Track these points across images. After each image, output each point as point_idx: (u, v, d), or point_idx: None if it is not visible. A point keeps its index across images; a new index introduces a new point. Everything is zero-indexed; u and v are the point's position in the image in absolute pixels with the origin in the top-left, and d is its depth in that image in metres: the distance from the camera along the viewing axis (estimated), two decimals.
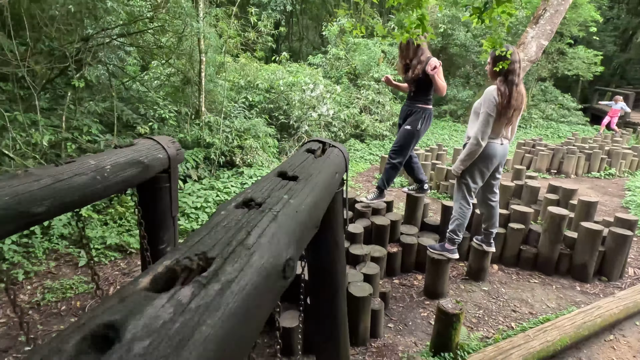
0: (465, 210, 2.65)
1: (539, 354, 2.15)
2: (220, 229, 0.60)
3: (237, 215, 0.66)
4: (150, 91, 5.21)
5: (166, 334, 0.37)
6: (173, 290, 0.44)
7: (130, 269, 3.04)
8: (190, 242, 0.55)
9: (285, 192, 0.80)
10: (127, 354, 0.34)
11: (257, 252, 0.56)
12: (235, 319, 0.47)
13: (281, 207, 0.72)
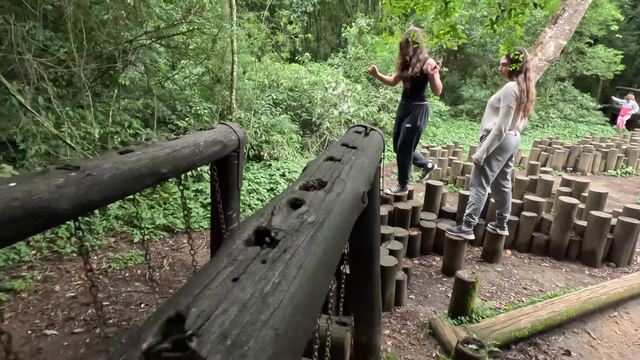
0: (481, 196, 2.93)
1: (545, 321, 2.42)
2: (322, 170, 0.93)
3: (328, 165, 0.99)
4: (185, 89, 5.62)
5: (320, 206, 0.70)
6: (314, 191, 0.77)
7: (177, 245, 3.44)
8: (309, 172, 0.89)
9: (352, 155, 1.12)
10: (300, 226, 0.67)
11: (348, 183, 0.89)
12: (344, 216, 0.79)
13: (353, 161, 1.05)
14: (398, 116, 3.44)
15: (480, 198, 2.94)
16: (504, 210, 3.10)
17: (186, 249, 3.37)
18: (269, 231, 0.56)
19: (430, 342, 2.26)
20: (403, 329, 2.38)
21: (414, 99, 3.26)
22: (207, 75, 6.18)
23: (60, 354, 2.04)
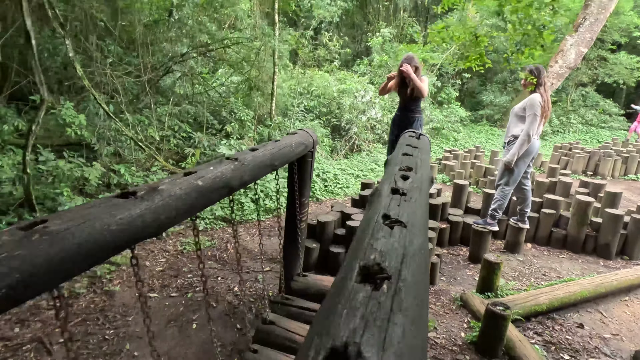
0: (507, 193, 3.35)
1: (562, 299, 2.82)
2: (404, 161, 1.41)
3: (406, 158, 1.47)
4: (230, 97, 6.22)
5: (415, 179, 1.19)
6: (410, 172, 1.26)
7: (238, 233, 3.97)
8: (395, 162, 1.37)
9: (417, 152, 1.61)
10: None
11: (422, 169, 1.37)
12: (425, 188, 1.27)
13: (419, 156, 1.53)
14: (397, 126, 3.71)
15: (505, 195, 3.36)
16: (525, 206, 3.50)
17: (244, 236, 3.90)
18: (399, 189, 1.05)
19: (461, 311, 2.69)
20: (437, 302, 2.82)
21: (414, 112, 3.62)
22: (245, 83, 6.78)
23: (165, 310, 2.59)
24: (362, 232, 0.82)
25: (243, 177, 1.52)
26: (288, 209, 2.40)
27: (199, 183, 1.27)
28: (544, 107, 3.10)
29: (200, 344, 2.28)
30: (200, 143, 5.54)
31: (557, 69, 9.70)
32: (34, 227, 0.81)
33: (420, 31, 13.60)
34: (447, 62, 10.04)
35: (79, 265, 0.86)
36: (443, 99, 11.04)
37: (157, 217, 1.08)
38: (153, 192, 1.10)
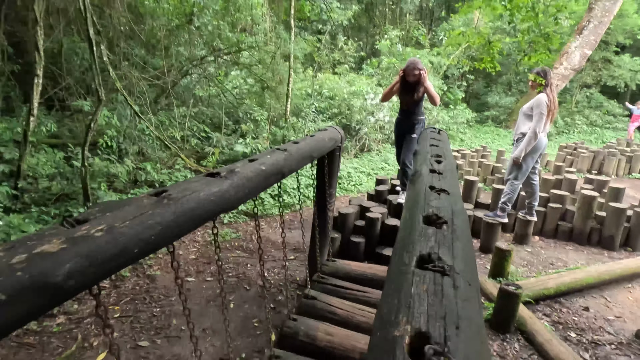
0: (516, 187, 3.57)
1: (568, 285, 3.03)
2: (433, 151, 1.65)
3: (433, 149, 1.71)
4: (245, 99, 6.48)
5: (446, 162, 1.42)
6: (441, 158, 1.49)
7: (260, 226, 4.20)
8: (425, 151, 1.61)
9: (441, 144, 1.84)
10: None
11: (448, 158, 1.61)
12: (454, 172, 1.51)
13: (445, 148, 1.76)
14: (401, 130, 3.76)
15: (514, 189, 3.58)
16: (533, 200, 3.72)
17: (266, 229, 4.14)
18: (436, 170, 1.29)
19: None
20: None
21: (416, 116, 3.64)
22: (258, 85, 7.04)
23: (203, 292, 2.83)
24: (415, 199, 1.05)
25: (291, 165, 1.76)
26: (318, 199, 2.63)
27: (262, 168, 1.51)
28: (550, 106, 3.33)
29: (239, 320, 2.51)
30: (219, 142, 5.80)
31: (561, 71, 9.90)
32: (162, 194, 1.06)
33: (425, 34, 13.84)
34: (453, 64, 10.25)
35: (190, 225, 1.11)
36: (449, 99, 11.26)
37: (237, 192, 1.32)
38: (232, 173, 1.34)
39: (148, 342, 2.26)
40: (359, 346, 1.92)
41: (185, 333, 2.37)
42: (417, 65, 3.44)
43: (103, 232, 0.82)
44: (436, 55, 10.61)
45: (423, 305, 0.53)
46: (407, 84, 3.53)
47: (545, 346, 2.24)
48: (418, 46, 12.81)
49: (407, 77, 3.49)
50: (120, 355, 2.12)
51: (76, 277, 0.75)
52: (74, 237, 0.78)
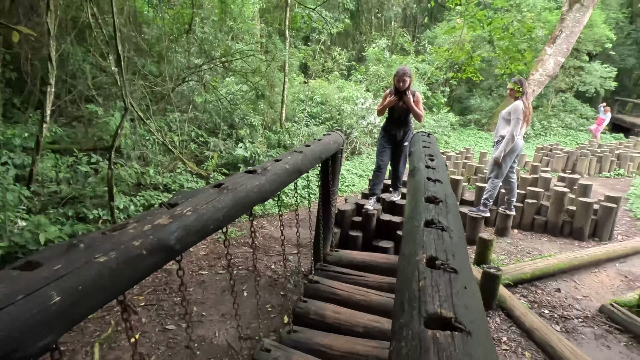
0: (496, 184, 3.96)
1: (542, 270, 3.42)
2: (427, 151, 1.99)
3: (425, 149, 2.05)
4: (241, 105, 6.75)
5: (438, 161, 1.76)
6: (433, 157, 1.83)
7: (261, 225, 4.48)
8: (420, 152, 1.95)
9: (432, 145, 2.18)
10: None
11: (438, 157, 1.95)
12: (445, 170, 1.85)
13: (434, 149, 2.11)
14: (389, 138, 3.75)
15: (495, 186, 3.98)
16: (512, 196, 4.12)
17: (268, 227, 4.42)
18: (430, 166, 1.62)
19: None
20: None
21: (406, 124, 3.70)
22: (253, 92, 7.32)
23: (217, 283, 3.09)
24: (416, 186, 1.38)
25: (306, 164, 2.08)
26: (323, 195, 2.94)
27: (286, 167, 1.81)
28: (525, 112, 3.74)
29: (253, 306, 2.79)
30: (217, 147, 6.04)
31: (537, 77, 10.52)
32: (221, 186, 1.35)
33: (410, 41, 14.38)
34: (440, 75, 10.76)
35: (242, 210, 1.40)
36: (433, 104, 11.77)
37: (271, 186, 1.62)
38: (266, 171, 1.64)
39: (174, 326, 2.51)
40: (362, 322, 2.23)
41: (206, 318, 2.64)
42: (406, 72, 3.51)
43: (191, 212, 1.12)
44: (421, 62, 11.11)
45: (432, 245, 0.85)
46: (398, 92, 3.58)
47: (522, 319, 2.60)
48: (403, 52, 13.32)
49: (397, 84, 3.54)
50: (152, 336, 2.37)
51: (180, 242, 1.04)
52: (174, 214, 1.07)
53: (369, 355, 1.93)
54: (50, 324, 0.70)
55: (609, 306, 2.94)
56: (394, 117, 3.73)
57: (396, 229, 3.50)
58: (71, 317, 0.75)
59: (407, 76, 3.50)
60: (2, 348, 0.62)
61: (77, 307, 0.75)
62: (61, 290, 0.72)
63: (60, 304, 0.71)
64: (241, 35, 7.27)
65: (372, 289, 2.62)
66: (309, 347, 2.00)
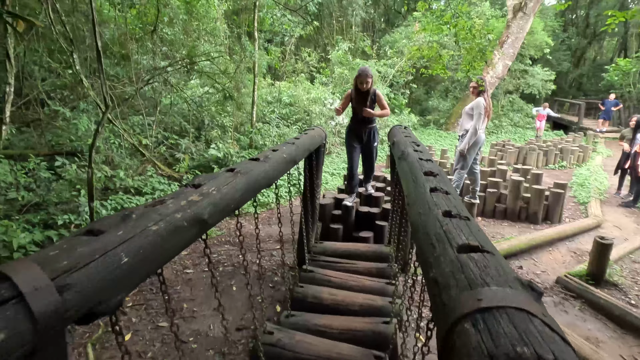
0: (462, 175, 4.29)
1: (506, 250, 3.77)
2: (409, 139, 2.18)
3: (407, 139, 2.24)
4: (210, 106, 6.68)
5: (422, 147, 1.95)
6: (417, 145, 2.02)
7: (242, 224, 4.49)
8: (404, 140, 2.13)
9: (412, 135, 2.38)
10: None
11: (421, 144, 2.14)
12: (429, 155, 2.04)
13: (413, 137, 2.31)
14: (356, 138, 3.77)
15: (461, 177, 4.30)
16: (475, 185, 4.48)
17: (247, 226, 4.45)
18: (418, 150, 1.80)
19: None
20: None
21: (371, 123, 3.71)
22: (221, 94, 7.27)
23: (204, 280, 3.09)
24: (413, 165, 1.54)
25: (299, 154, 2.19)
26: (306, 189, 3.05)
27: (284, 156, 1.92)
28: (486, 108, 4.11)
29: (244, 298, 2.84)
30: (188, 149, 5.94)
31: (488, 79, 11.35)
32: (234, 171, 1.43)
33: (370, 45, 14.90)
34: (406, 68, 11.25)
35: (253, 192, 1.50)
36: (395, 105, 12.28)
37: (273, 172, 1.72)
38: (268, 159, 1.74)
39: (166, 323, 2.50)
40: (358, 301, 2.38)
41: (199, 313, 2.65)
42: (368, 73, 3.47)
43: (216, 192, 1.20)
44: (382, 65, 11.57)
45: (442, 202, 1.01)
46: (360, 92, 3.55)
47: None
48: (364, 56, 13.78)
49: (359, 85, 3.50)
50: (144, 334, 2.36)
51: (211, 217, 1.12)
52: (203, 192, 1.15)
53: (365, 330, 2.07)
54: (122, 281, 0.76)
55: (563, 278, 3.32)
56: (358, 118, 3.72)
57: (374, 220, 3.69)
58: (137, 276, 0.81)
59: (369, 77, 3.47)
60: (90, 300, 0.68)
61: (141, 268, 0.82)
62: (128, 252, 0.79)
63: (129, 264, 0.78)
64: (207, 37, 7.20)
65: (362, 274, 2.78)
66: (308, 328, 2.11)
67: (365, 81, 3.46)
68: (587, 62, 22.57)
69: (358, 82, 3.52)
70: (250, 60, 6.10)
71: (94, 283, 0.69)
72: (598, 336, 2.63)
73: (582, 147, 9.48)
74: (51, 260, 0.66)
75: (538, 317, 0.51)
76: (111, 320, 0.85)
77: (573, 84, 21.90)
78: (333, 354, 1.89)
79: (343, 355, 1.88)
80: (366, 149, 3.86)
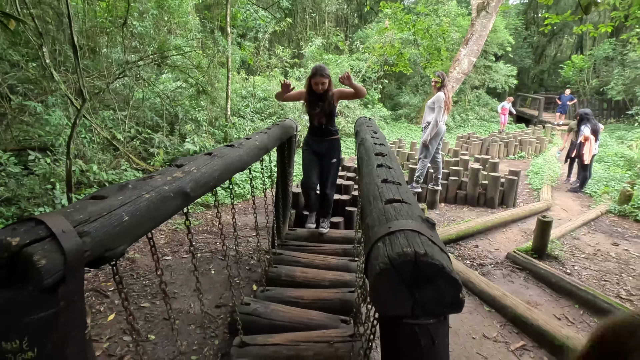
0: (425, 164, 4.64)
1: (464, 231, 4.14)
2: (371, 128, 2.43)
3: (368, 128, 2.50)
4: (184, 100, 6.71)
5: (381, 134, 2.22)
6: (376, 131, 2.28)
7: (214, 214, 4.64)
8: (366, 130, 2.39)
9: (373, 124, 2.64)
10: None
11: (379, 132, 2.41)
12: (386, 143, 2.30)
13: (375, 126, 2.57)
14: (316, 152, 3.14)
15: (424, 165, 4.65)
16: (438, 173, 4.84)
17: (224, 216, 4.60)
18: (374, 137, 2.05)
19: None
20: None
21: (331, 133, 3.10)
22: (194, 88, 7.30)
23: (183, 266, 3.25)
24: (368, 148, 1.79)
25: (271, 143, 2.40)
26: (280, 177, 3.27)
27: (256, 143, 2.12)
28: (446, 101, 4.46)
29: (222, 281, 3.02)
30: (162, 143, 5.98)
31: (455, 75, 11.89)
32: (211, 154, 1.62)
33: (343, 40, 15.16)
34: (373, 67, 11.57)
35: (229, 174, 1.69)
36: (368, 100, 12.65)
37: (247, 156, 1.92)
38: (242, 145, 1.94)
39: (148, 304, 2.65)
40: (327, 277, 2.62)
41: (179, 294, 2.81)
42: (324, 72, 2.86)
43: (196, 170, 1.40)
44: (355, 60, 11.86)
45: (383, 174, 1.26)
46: (315, 95, 2.93)
47: None
48: (337, 51, 14.03)
49: (314, 87, 2.88)
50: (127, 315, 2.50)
51: (193, 191, 1.32)
52: (185, 171, 1.34)
53: (334, 299, 2.32)
54: (124, 235, 0.96)
55: (512, 253, 3.71)
56: (314, 125, 3.07)
57: (345, 206, 3.96)
58: (134, 233, 1.01)
59: (324, 77, 2.85)
60: (101, 246, 0.87)
61: (138, 227, 1.01)
62: (127, 213, 0.98)
63: (129, 222, 0.97)
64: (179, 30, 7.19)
65: (329, 255, 3.03)
66: (282, 300, 2.33)
67: (321, 81, 2.85)
68: (548, 59, 23.90)
69: (312, 83, 2.89)
70: (224, 55, 6.18)
71: (104, 233, 0.88)
72: (537, 300, 3.02)
73: (539, 138, 10.19)
74: (70, 214, 0.84)
75: (425, 235, 0.76)
76: (113, 269, 1.04)
77: (534, 80, 23.14)
78: (304, 319, 2.13)
79: (314, 320, 2.13)
80: (324, 167, 3.16)
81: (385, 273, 0.68)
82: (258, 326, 2.11)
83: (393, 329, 0.74)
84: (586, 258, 3.81)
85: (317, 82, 2.86)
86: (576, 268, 3.57)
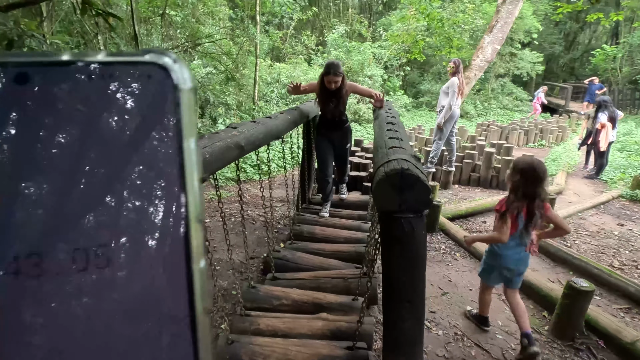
0: (440, 145, 4.94)
1: (474, 208, 4.45)
2: (390, 113, 2.80)
3: (389, 112, 2.86)
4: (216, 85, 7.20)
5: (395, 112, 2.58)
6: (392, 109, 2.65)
7: (245, 188, 5.13)
8: (386, 114, 2.76)
9: (389, 104, 3.00)
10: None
11: (393, 109, 2.77)
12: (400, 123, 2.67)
13: (393, 109, 2.93)
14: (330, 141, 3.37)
15: (438, 147, 4.96)
16: (452, 155, 5.13)
17: (252, 190, 5.10)
18: (389, 114, 2.43)
19: None
20: None
21: (343, 123, 3.33)
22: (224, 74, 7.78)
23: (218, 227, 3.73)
24: (382, 119, 2.17)
25: (300, 118, 2.81)
26: (304, 150, 3.68)
27: (288, 117, 2.54)
28: (460, 86, 4.72)
29: (254, 239, 3.50)
30: None
31: (478, 62, 11.84)
32: (256, 121, 2.05)
33: (367, 27, 15.25)
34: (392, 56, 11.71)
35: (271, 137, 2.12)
36: (389, 87, 12.80)
37: (281, 127, 2.35)
38: (277, 117, 2.35)
39: None
40: (343, 235, 3.05)
41: (218, 248, 3.31)
42: (337, 70, 2.92)
43: (247, 131, 1.82)
44: (377, 47, 12.02)
45: (392, 141, 1.65)
46: (328, 92, 3.04)
47: (455, 235, 3.56)
48: (360, 39, 14.17)
49: (327, 84, 2.97)
50: None
51: (246, 146, 1.75)
52: (239, 131, 1.77)
53: (350, 251, 2.75)
54: (206, 167, 1.39)
55: None
56: (327, 118, 3.26)
57: (362, 182, 4.35)
58: (212, 167, 1.45)
59: (338, 76, 2.92)
60: None
61: (211, 165, 1.45)
62: (207, 152, 1.42)
63: (208, 160, 1.41)
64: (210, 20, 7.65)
65: (345, 218, 3.45)
66: (306, 250, 2.78)
67: (334, 80, 2.92)
68: (580, 46, 22.99)
69: (325, 81, 2.96)
70: (252, 42, 6.60)
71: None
72: (535, 267, 3.33)
73: (562, 127, 10.13)
74: None
75: (411, 162, 1.15)
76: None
77: (564, 68, 22.39)
78: (325, 264, 2.57)
79: (332, 266, 2.56)
80: (339, 151, 3.44)
81: (383, 181, 1.09)
82: (286, 268, 2.56)
83: (387, 220, 1.14)
84: (589, 235, 4.06)
85: (330, 80, 2.94)
86: (577, 242, 3.84)
